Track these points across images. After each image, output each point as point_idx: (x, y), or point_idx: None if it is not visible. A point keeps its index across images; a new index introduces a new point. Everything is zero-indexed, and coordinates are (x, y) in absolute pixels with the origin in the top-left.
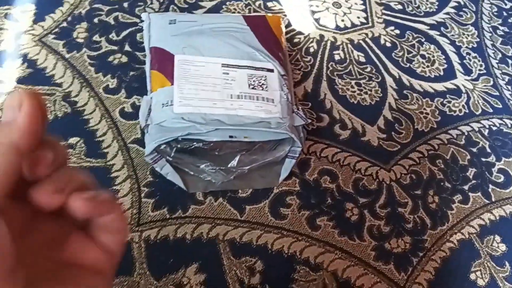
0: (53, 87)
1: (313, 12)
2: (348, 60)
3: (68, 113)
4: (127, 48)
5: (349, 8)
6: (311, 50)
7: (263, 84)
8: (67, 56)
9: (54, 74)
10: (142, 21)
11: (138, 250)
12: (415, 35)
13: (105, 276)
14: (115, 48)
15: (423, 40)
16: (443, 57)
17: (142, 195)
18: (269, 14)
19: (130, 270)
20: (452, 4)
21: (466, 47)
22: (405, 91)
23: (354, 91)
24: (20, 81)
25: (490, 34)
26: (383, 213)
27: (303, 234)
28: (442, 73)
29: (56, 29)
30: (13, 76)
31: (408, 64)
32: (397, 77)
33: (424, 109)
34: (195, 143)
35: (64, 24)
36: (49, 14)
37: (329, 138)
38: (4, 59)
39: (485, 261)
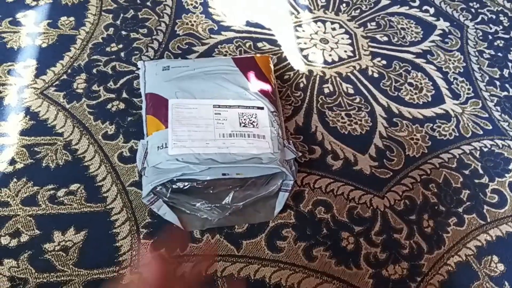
0: (55, 137)
1: (302, 49)
2: (337, 93)
3: (69, 161)
4: (124, 95)
5: (336, 43)
6: (301, 85)
7: (253, 121)
8: (67, 106)
9: (55, 125)
10: (138, 68)
11: None
12: (402, 64)
13: None
14: (113, 96)
15: (410, 68)
16: (431, 83)
17: (141, 236)
18: (258, 55)
19: None
20: (437, 32)
21: (453, 72)
22: (394, 119)
23: (345, 122)
24: (23, 133)
25: (477, 58)
26: (379, 240)
27: (300, 266)
28: (430, 99)
29: (57, 82)
30: (16, 129)
31: (396, 93)
32: (386, 106)
33: (415, 135)
34: (189, 182)
35: (64, 76)
36: (50, 67)
37: (322, 169)
38: (8, 113)
39: (484, 282)
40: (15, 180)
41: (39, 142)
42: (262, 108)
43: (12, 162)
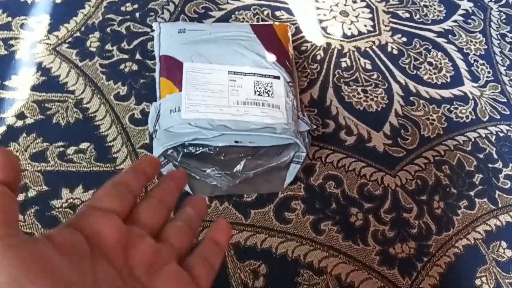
0: (66, 94)
1: (321, 21)
2: (354, 68)
3: (80, 119)
4: (138, 56)
5: (356, 16)
6: (318, 57)
7: (269, 90)
8: (80, 64)
9: (67, 82)
10: (153, 30)
11: None
12: (422, 43)
13: None
14: (126, 56)
15: (430, 47)
16: (450, 64)
17: None
18: (276, 23)
19: None
20: (460, 12)
21: (474, 54)
22: (411, 98)
23: (360, 98)
24: (34, 88)
25: (499, 41)
26: (388, 218)
27: (307, 238)
28: (449, 80)
29: (70, 39)
30: (28, 84)
31: (415, 71)
32: (404, 84)
33: (431, 115)
34: (201, 148)
35: (78, 34)
36: (63, 24)
37: (334, 144)
38: (20, 67)
39: (491, 267)
40: (24, 135)
41: (50, 99)
42: (278, 78)
43: (22, 116)
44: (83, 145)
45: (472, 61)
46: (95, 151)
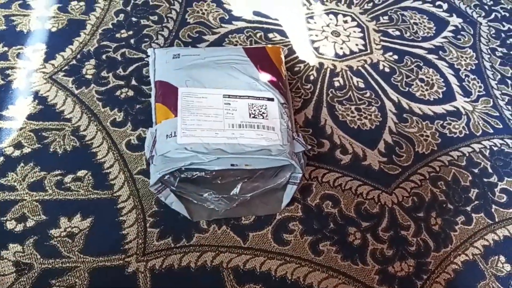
0: (63, 122)
1: (313, 41)
2: (347, 86)
3: (77, 147)
4: (133, 82)
5: (348, 36)
6: (311, 77)
7: (263, 112)
8: (76, 92)
9: (63, 110)
10: (148, 56)
11: (143, 280)
12: (413, 60)
13: None
14: (122, 83)
15: (421, 64)
16: (442, 80)
17: (148, 225)
18: (269, 45)
19: None
20: (450, 28)
21: (465, 69)
22: (404, 115)
23: (354, 116)
24: (31, 117)
25: (489, 56)
26: (386, 236)
27: (306, 260)
28: (441, 95)
29: (66, 67)
30: (25, 113)
31: (407, 88)
32: (397, 101)
33: (424, 131)
34: (197, 172)
35: (74, 61)
36: (59, 52)
37: (330, 163)
38: (17, 97)
39: (490, 282)
40: (22, 164)
41: (47, 127)
42: (272, 100)
43: (20, 146)
44: (81, 173)
45: (463, 76)
46: (92, 179)
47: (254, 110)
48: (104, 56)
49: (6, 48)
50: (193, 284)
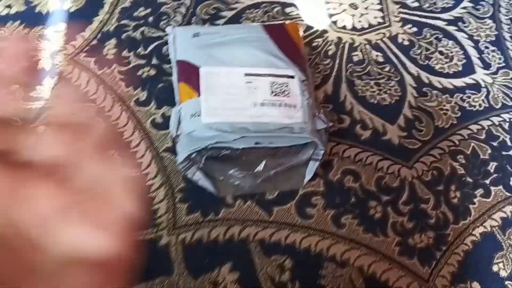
0: (88, 103)
1: (331, 15)
2: (366, 61)
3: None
4: (154, 61)
5: (366, 8)
6: (330, 52)
7: (285, 90)
8: (98, 72)
9: (88, 91)
10: (167, 34)
11: (175, 252)
12: (432, 32)
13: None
14: (143, 62)
15: (441, 36)
16: (462, 52)
17: (176, 200)
18: (287, 21)
19: (169, 271)
20: None
21: (485, 40)
22: (424, 89)
23: (374, 91)
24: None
25: (508, 26)
26: (406, 209)
27: (329, 232)
28: (461, 68)
29: (87, 47)
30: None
31: (427, 62)
32: (416, 75)
33: (444, 105)
34: (223, 150)
35: (94, 42)
36: (79, 33)
37: (350, 138)
38: (43, 77)
39: (508, 253)
40: None
41: None
42: (293, 77)
43: None
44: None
45: (483, 48)
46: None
47: (276, 88)
48: (124, 35)
49: (27, 30)
50: (222, 255)
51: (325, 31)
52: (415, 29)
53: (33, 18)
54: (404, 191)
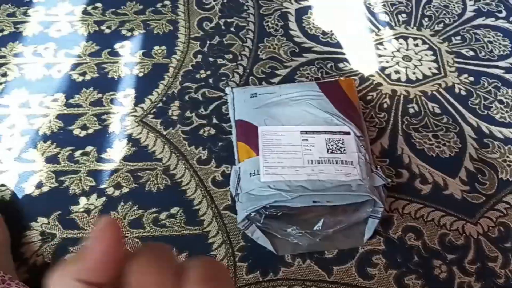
0: (155, 162)
1: (384, 68)
2: (423, 113)
3: (168, 185)
4: (214, 120)
5: (420, 60)
6: (385, 106)
7: (341, 147)
8: (164, 133)
9: (155, 151)
10: (226, 94)
11: None
12: (490, 81)
13: None
14: (204, 121)
15: (499, 84)
16: None
17: (237, 259)
18: (342, 78)
19: None
20: None
21: None
22: (485, 140)
23: (432, 144)
24: (127, 159)
25: None
26: (473, 269)
27: None
28: None
29: (154, 109)
30: (121, 155)
31: (486, 111)
32: (476, 125)
33: (507, 156)
34: (282, 209)
35: (160, 104)
36: (147, 96)
37: (410, 193)
38: (113, 140)
39: None
40: (122, 203)
41: (141, 168)
42: (348, 133)
43: (119, 186)
44: (174, 210)
45: None
46: (184, 215)
47: (332, 145)
48: (186, 97)
49: (100, 95)
50: None
51: (379, 84)
52: (471, 78)
53: (105, 84)
54: (470, 249)
